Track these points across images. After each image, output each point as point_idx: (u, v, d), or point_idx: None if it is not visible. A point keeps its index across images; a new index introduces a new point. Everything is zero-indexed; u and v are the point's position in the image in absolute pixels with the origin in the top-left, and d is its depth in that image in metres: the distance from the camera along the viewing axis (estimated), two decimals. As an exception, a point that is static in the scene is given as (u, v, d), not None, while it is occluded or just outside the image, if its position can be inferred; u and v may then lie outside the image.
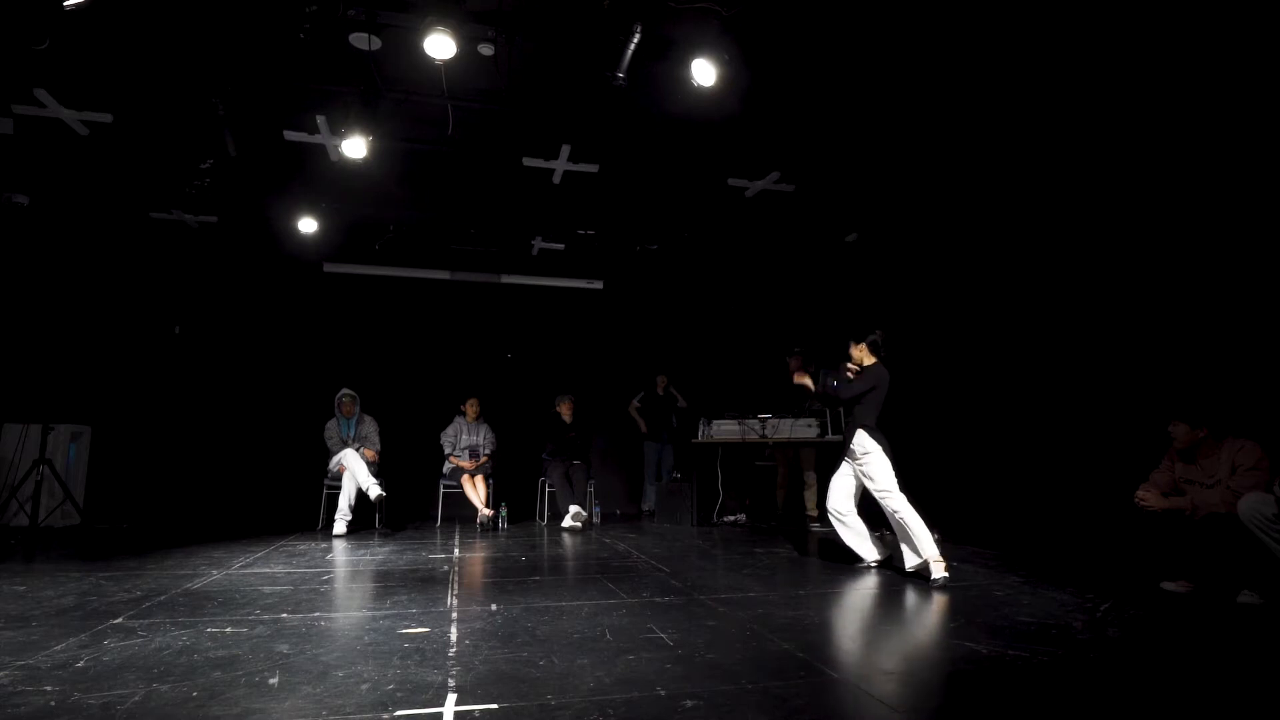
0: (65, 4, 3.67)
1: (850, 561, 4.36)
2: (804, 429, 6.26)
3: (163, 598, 3.25)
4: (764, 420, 6.45)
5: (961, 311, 6.22)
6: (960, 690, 2.08)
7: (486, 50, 4.50)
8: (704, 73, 4.27)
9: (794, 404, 6.55)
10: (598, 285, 8.58)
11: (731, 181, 6.46)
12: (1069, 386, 5.10)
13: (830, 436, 6.09)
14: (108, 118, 5.24)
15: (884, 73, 4.78)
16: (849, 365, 4.41)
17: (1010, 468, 5.49)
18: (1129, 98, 4.48)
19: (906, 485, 5.72)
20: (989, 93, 4.89)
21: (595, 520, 6.86)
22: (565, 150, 5.86)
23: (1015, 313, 5.61)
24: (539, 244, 7.89)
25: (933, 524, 5.04)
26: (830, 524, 4.41)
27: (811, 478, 6.51)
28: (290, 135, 5.56)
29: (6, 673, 2.12)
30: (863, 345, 4.37)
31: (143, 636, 2.56)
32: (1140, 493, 3.69)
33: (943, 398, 6.33)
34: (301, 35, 4.15)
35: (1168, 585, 3.58)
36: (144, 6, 4.12)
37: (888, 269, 7.20)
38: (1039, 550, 4.70)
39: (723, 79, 4.32)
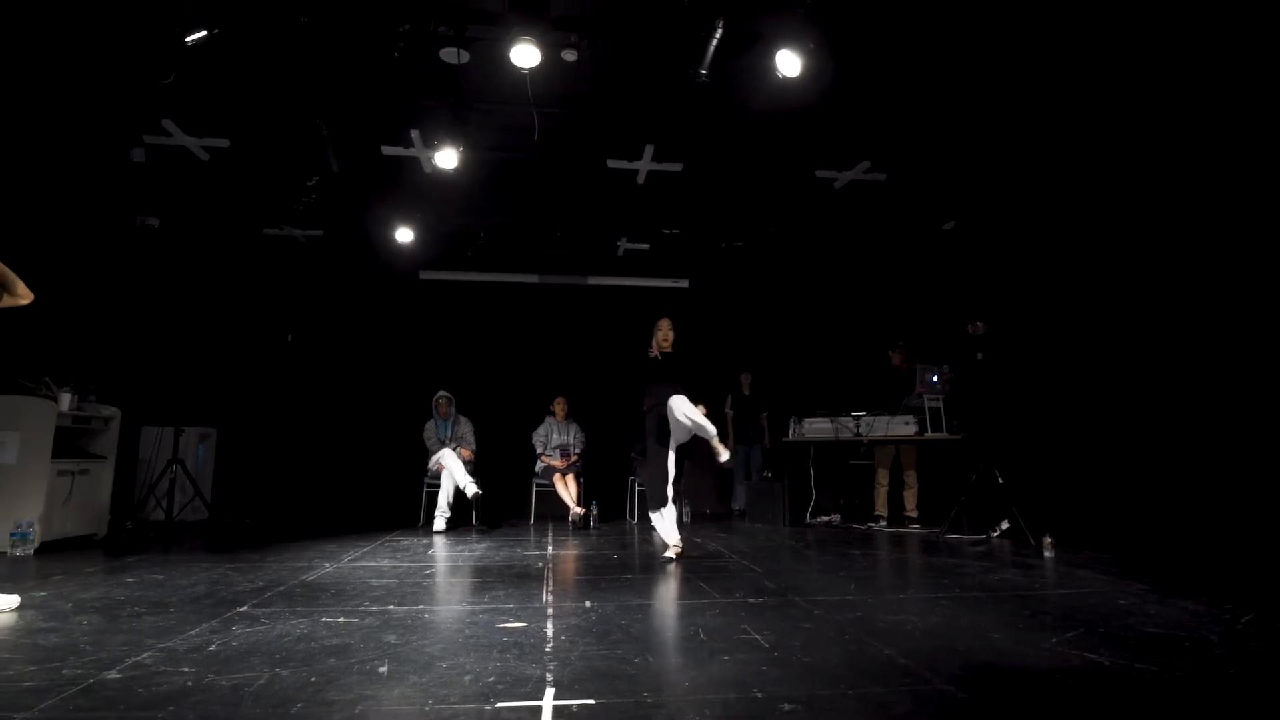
0: (186, 40, 3.98)
1: (953, 563, 4.16)
2: (901, 426, 6.03)
3: (282, 588, 3.46)
4: (858, 418, 6.26)
5: (1073, 299, 5.83)
6: (1080, 704, 1.94)
7: (570, 56, 4.58)
8: (789, 64, 4.18)
9: (891, 401, 6.33)
10: (683, 284, 8.56)
11: (819, 173, 6.32)
12: (1199, 376, 4.68)
13: (930, 434, 5.83)
14: (225, 143, 5.66)
15: (978, 52, 4.54)
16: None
17: (1132, 466, 5.09)
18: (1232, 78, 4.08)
19: (1016, 486, 5.40)
20: (1095, 68, 4.56)
21: (685, 519, 6.83)
22: (649, 150, 5.88)
23: (1135, 298, 5.21)
24: (624, 245, 7.95)
25: (1045, 528, 4.77)
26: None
27: (912, 477, 6.26)
28: (387, 150, 5.84)
29: (150, 654, 2.31)
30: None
31: (265, 624, 2.74)
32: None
33: (1055, 391, 5.95)
34: (395, 54, 4.35)
35: (1322, 596, 3.23)
36: (254, 38, 4.42)
37: (990, 257, 6.84)
38: (1166, 556, 4.34)
39: (808, 69, 4.22)
